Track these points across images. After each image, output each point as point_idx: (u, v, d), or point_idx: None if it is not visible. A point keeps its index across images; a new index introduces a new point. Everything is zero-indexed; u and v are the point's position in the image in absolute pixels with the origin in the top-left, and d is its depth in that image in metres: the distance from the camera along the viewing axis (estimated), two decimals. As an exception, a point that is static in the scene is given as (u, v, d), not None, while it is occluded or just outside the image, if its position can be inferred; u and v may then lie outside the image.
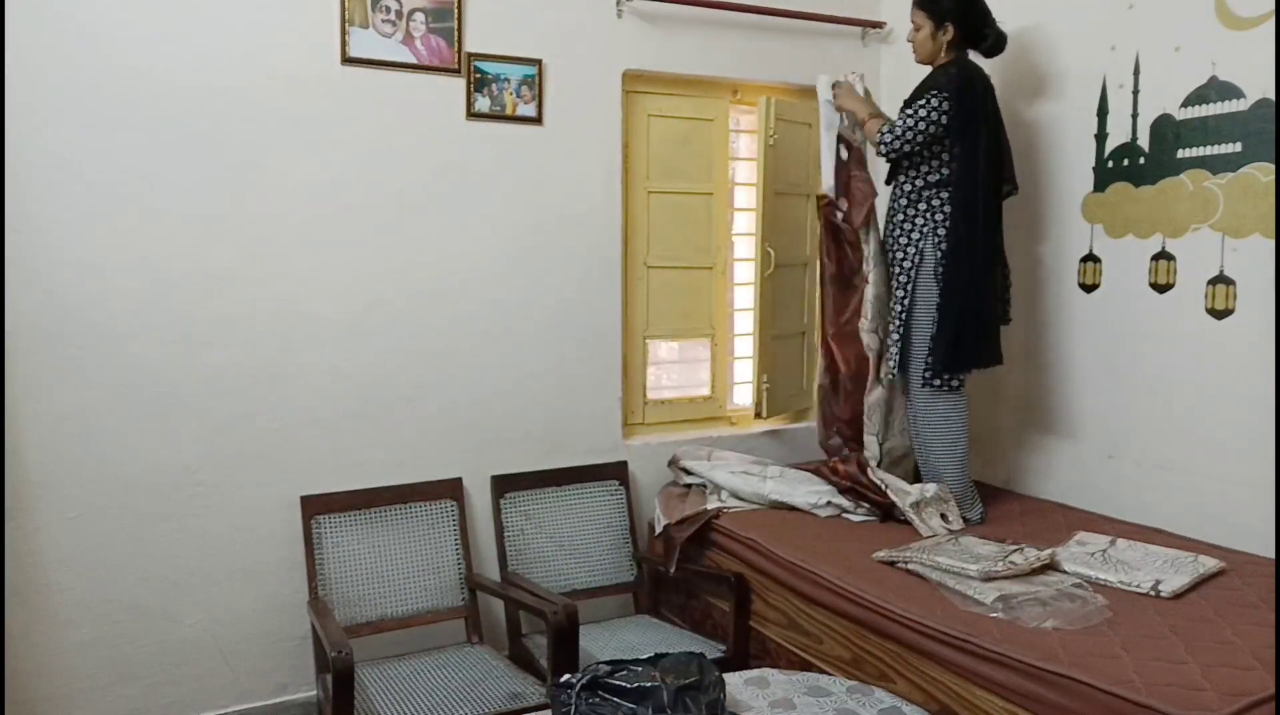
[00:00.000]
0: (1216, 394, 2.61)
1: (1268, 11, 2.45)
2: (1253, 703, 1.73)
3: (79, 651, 2.59)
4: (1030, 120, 3.12)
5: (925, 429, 2.94)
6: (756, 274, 3.37)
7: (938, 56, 2.89)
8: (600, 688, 1.83)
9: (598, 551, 3.13)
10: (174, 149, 2.60)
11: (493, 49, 2.96)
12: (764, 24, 3.35)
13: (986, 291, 2.80)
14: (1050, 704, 1.86)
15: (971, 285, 2.76)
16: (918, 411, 2.96)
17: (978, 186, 2.76)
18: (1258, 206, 2.49)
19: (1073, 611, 2.11)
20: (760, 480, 3.07)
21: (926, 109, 2.78)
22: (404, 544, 2.86)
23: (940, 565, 2.35)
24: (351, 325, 2.85)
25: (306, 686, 2.85)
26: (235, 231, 2.69)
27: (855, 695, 1.98)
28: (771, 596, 2.68)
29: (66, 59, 2.46)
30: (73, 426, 2.55)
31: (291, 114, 2.72)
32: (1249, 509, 2.53)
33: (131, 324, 2.59)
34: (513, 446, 3.11)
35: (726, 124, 3.49)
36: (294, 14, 2.70)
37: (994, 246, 2.84)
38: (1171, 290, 2.72)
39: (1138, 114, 2.79)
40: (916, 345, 2.88)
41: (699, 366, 3.59)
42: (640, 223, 3.35)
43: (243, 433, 2.74)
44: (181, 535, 2.69)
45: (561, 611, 2.42)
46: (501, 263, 3.05)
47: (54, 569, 2.55)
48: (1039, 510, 2.98)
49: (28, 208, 2.46)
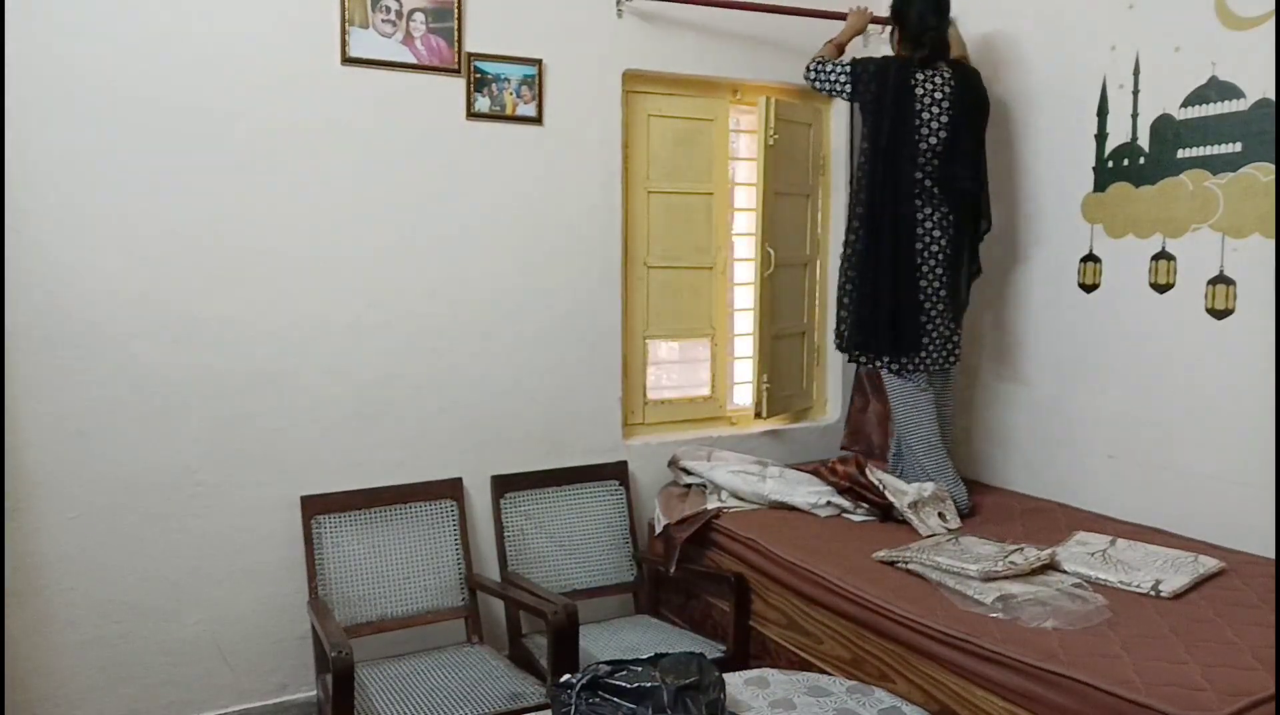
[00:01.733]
0: (1216, 394, 2.61)
1: (1268, 11, 2.45)
2: (1253, 703, 1.73)
3: (79, 651, 2.59)
4: (1030, 120, 3.12)
5: (897, 418, 3.10)
6: (756, 274, 3.37)
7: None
8: (600, 688, 1.83)
9: (598, 551, 3.13)
10: (174, 149, 2.60)
11: (493, 49, 2.96)
12: (764, 24, 3.35)
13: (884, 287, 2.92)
14: (1050, 704, 1.86)
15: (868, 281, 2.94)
16: (890, 399, 3.10)
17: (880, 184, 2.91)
18: (1258, 206, 2.49)
19: (1073, 611, 2.11)
20: (760, 480, 3.07)
21: (836, 71, 3.02)
22: (404, 544, 2.86)
23: (940, 565, 2.35)
24: (351, 325, 2.85)
25: (306, 686, 2.85)
26: (235, 231, 2.69)
27: (855, 695, 1.98)
28: (771, 596, 2.68)
29: (66, 59, 2.46)
30: (73, 426, 2.55)
31: (292, 114, 2.72)
32: (1249, 509, 2.52)
33: (131, 324, 2.59)
34: (513, 446, 3.11)
35: (726, 124, 3.49)
36: (294, 14, 2.70)
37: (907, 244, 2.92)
38: (1171, 290, 2.72)
39: (1138, 114, 2.79)
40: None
41: (699, 366, 3.59)
42: (640, 223, 3.35)
43: (243, 433, 2.74)
44: (181, 535, 2.69)
45: (561, 611, 2.42)
46: (501, 262, 3.05)
47: (54, 569, 2.55)
48: (1039, 510, 2.98)
49: (28, 208, 2.45)
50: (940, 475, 2.97)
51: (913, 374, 3.00)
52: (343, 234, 2.82)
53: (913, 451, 3.05)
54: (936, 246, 2.95)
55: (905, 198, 2.91)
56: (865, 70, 2.96)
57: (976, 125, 3.00)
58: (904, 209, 2.91)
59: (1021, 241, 3.15)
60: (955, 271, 3.02)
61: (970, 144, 2.96)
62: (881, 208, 2.92)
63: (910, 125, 2.88)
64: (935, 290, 2.97)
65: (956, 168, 2.93)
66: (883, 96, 2.90)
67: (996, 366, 3.30)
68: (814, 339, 3.75)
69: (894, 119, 2.88)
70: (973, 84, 2.98)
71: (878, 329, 2.95)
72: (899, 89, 2.89)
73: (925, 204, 2.93)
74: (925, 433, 3.01)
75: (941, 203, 2.94)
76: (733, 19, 3.31)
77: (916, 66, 2.90)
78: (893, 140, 2.89)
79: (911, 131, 2.88)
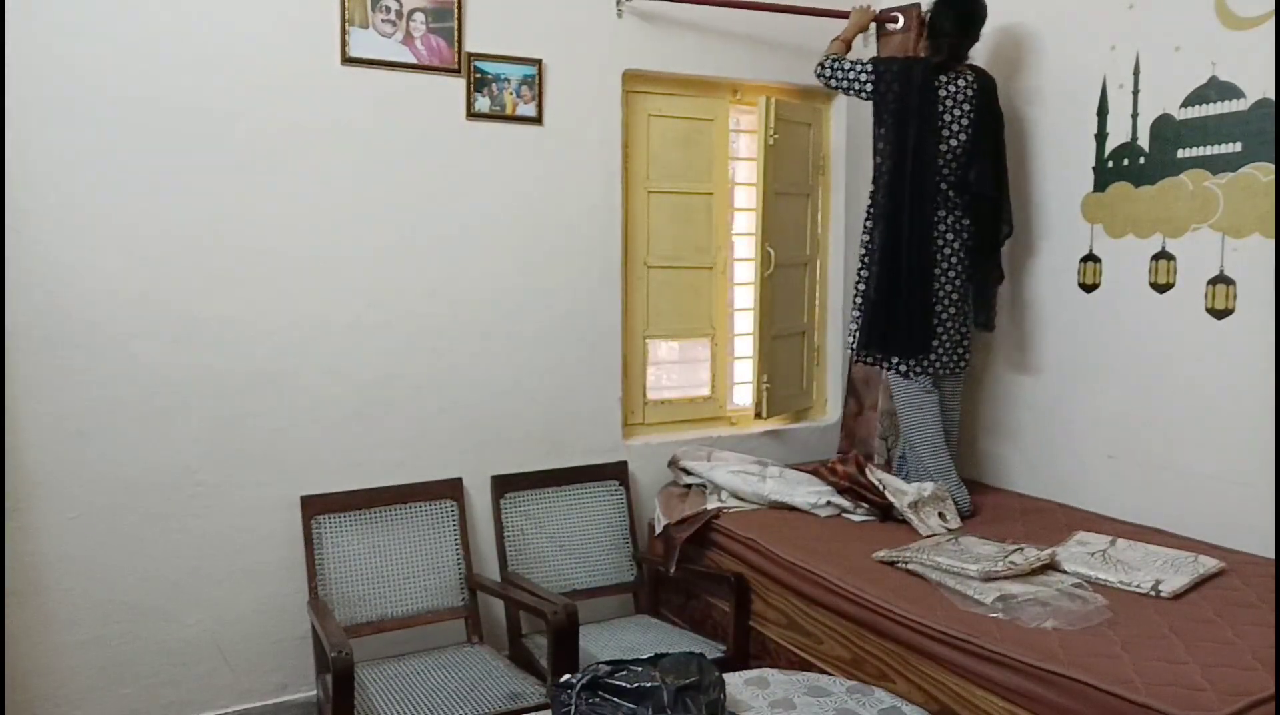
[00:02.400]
0: (1216, 394, 2.61)
1: (1268, 11, 2.45)
2: (1253, 703, 1.73)
3: (79, 651, 2.59)
4: (1030, 120, 3.12)
5: (902, 420, 3.09)
6: (756, 274, 3.37)
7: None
8: (600, 688, 1.83)
9: (598, 551, 3.13)
10: (174, 149, 2.59)
11: (493, 49, 2.96)
12: (764, 24, 3.35)
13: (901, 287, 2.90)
14: (1050, 704, 1.86)
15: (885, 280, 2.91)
16: (895, 401, 3.10)
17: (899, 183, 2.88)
18: (1258, 206, 2.49)
19: (1073, 611, 2.11)
20: (760, 480, 3.07)
21: (857, 69, 2.95)
22: (404, 544, 2.86)
23: (940, 565, 2.35)
24: (351, 325, 2.85)
25: (306, 686, 2.84)
26: (235, 231, 2.69)
27: (855, 695, 1.98)
28: (771, 596, 2.68)
29: (66, 59, 2.46)
30: (73, 426, 2.55)
31: (292, 114, 2.72)
32: (1249, 509, 2.53)
33: (131, 324, 2.59)
34: (513, 446, 3.11)
35: (726, 124, 3.49)
36: (294, 14, 2.70)
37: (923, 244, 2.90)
38: (1171, 290, 2.72)
39: (1138, 114, 2.79)
40: None
41: (699, 366, 3.59)
42: (640, 223, 3.35)
43: (243, 433, 2.74)
44: (181, 535, 2.69)
45: (561, 611, 2.42)
46: (501, 262, 3.05)
47: (54, 569, 2.55)
48: (1039, 510, 2.98)
49: (28, 208, 2.45)
50: (944, 477, 2.97)
51: (919, 376, 3.00)
52: (343, 234, 2.82)
53: (916, 453, 3.06)
54: (950, 249, 2.94)
55: (926, 200, 2.89)
56: (888, 70, 2.91)
57: (996, 131, 2.99)
58: (923, 212, 2.89)
59: (1022, 241, 3.15)
60: (969, 276, 3.01)
61: (990, 149, 2.96)
62: (901, 210, 2.89)
63: (933, 127, 2.86)
64: (948, 293, 2.96)
65: (975, 172, 2.92)
66: (907, 97, 2.87)
67: (997, 366, 3.30)
68: (814, 339, 3.75)
69: (919, 121, 2.86)
70: (992, 91, 2.98)
71: (889, 330, 2.94)
72: (923, 90, 2.86)
73: (942, 207, 2.93)
74: (930, 435, 3.01)
75: (957, 206, 2.94)
76: (733, 19, 3.31)
77: (938, 69, 2.89)
78: (917, 142, 2.86)
79: (934, 134, 2.86)
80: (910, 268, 2.90)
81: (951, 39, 2.93)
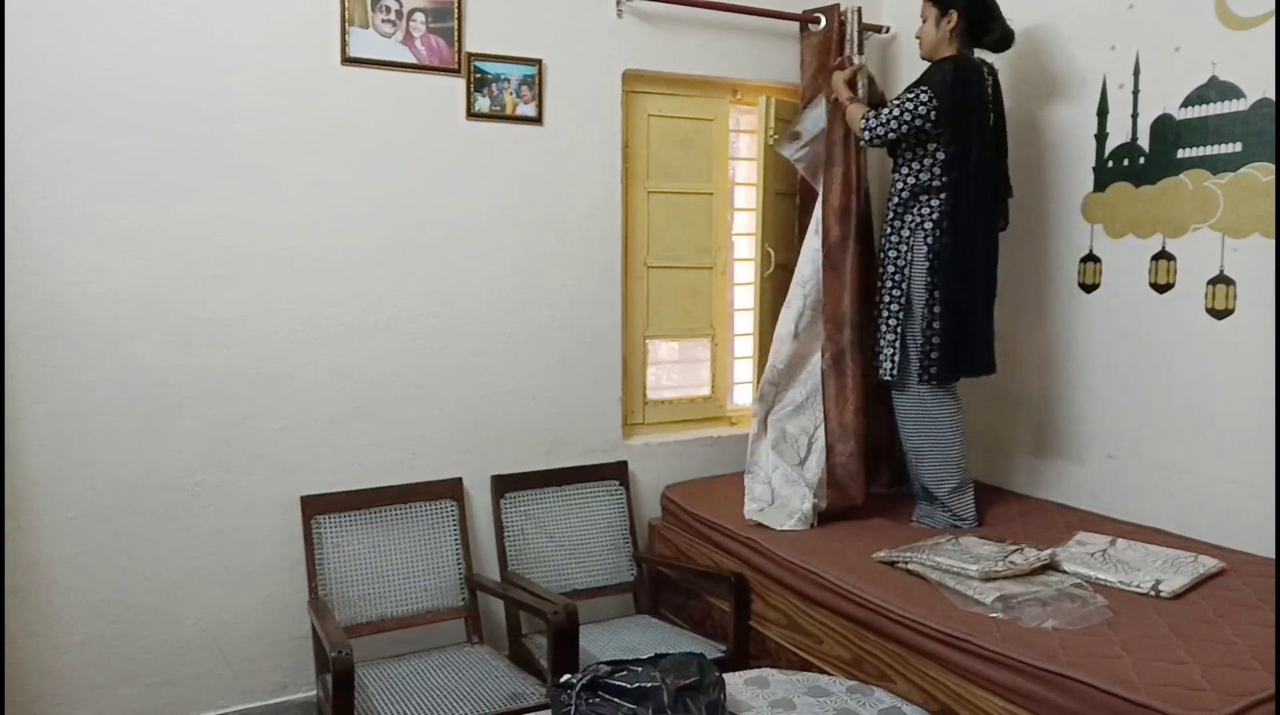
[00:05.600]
0: (1216, 394, 2.61)
1: (1268, 11, 2.45)
2: (1253, 703, 1.73)
3: (79, 651, 2.59)
4: (1030, 120, 3.12)
5: (915, 433, 2.90)
6: (756, 274, 3.37)
7: (939, 49, 2.82)
8: (600, 688, 1.83)
9: (598, 551, 3.13)
10: (174, 149, 2.59)
11: (493, 49, 2.95)
12: (764, 24, 3.35)
13: (977, 299, 2.79)
14: (1050, 704, 1.86)
15: (963, 292, 2.75)
16: (907, 414, 2.91)
17: (969, 192, 2.74)
18: (1258, 206, 2.49)
19: (1073, 611, 2.11)
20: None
21: (914, 103, 2.72)
22: (404, 544, 2.86)
23: (940, 565, 2.35)
24: (352, 325, 2.85)
25: (306, 686, 2.84)
26: (235, 232, 2.69)
27: (855, 695, 1.98)
28: (771, 596, 2.68)
29: (66, 59, 2.46)
30: (73, 426, 2.55)
31: (291, 114, 2.72)
32: (1249, 509, 2.53)
33: (131, 324, 2.59)
34: (513, 446, 3.11)
35: (726, 124, 3.49)
36: (294, 14, 2.70)
37: (988, 252, 2.82)
38: (1171, 290, 2.72)
39: (1138, 114, 2.79)
40: (910, 349, 2.86)
41: (699, 366, 3.59)
42: (640, 223, 3.35)
43: (243, 433, 2.74)
44: (181, 535, 2.69)
45: (561, 611, 2.42)
46: (501, 262, 3.05)
47: (54, 569, 2.55)
48: (1039, 510, 2.98)
49: (28, 208, 2.45)
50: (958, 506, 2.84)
51: (951, 391, 2.88)
52: (343, 234, 2.82)
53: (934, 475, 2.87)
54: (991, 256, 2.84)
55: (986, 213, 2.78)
56: (943, 83, 2.70)
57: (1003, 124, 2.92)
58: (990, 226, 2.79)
59: (1022, 241, 3.15)
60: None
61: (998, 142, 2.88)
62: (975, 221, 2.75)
63: (985, 133, 2.75)
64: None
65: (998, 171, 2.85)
66: (969, 103, 2.71)
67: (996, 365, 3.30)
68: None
69: (978, 127, 2.72)
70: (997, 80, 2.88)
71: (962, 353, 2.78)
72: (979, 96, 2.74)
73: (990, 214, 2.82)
74: (954, 453, 2.85)
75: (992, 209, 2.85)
76: (733, 19, 3.31)
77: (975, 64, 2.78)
78: (978, 152, 2.72)
79: (987, 139, 2.75)
80: (984, 286, 2.79)
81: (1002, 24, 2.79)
